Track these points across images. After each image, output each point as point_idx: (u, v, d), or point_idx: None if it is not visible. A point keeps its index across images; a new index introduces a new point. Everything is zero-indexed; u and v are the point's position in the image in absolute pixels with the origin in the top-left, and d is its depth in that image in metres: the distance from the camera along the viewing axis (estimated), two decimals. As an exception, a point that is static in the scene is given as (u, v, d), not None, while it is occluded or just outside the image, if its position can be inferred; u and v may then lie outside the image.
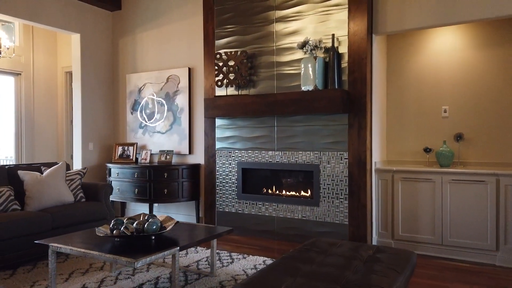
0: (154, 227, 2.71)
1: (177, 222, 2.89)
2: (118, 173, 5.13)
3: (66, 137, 6.56)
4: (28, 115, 6.16)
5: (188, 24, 5.24)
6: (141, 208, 5.58)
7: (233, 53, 4.53)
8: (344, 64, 3.98)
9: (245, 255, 3.69)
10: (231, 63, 4.55)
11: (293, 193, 4.38)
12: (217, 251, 3.82)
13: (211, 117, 4.63)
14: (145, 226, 2.71)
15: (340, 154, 4.02)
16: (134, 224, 2.74)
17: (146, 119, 5.58)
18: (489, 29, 3.98)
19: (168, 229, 2.72)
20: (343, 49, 3.99)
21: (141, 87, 5.63)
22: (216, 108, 4.52)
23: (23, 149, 6.12)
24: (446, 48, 4.19)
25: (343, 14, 3.98)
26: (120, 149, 5.57)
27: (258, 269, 3.28)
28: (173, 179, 4.89)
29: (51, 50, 6.52)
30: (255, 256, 3.66)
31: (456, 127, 4.14)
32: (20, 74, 6.12)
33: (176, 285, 2.52)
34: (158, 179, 4.87)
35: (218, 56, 4.62)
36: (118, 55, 5.92)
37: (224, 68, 4.58)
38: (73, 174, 4.16)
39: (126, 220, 2.85)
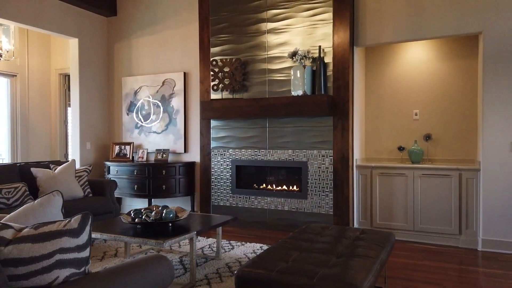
0: (171, 215, 3.11)
1: (190, 212, 3.29)
2: (117, 171, 5.45)
3: (59, 137, 6.78)
4: (23, 116, 6.36)
5: (183, 31, 5.62)
6: (137, 204, 5.91)
7: (228, 60, 4.96)
8: (329, 72, 4.48)
9: (243, 243, 4.13)
10: (226, 69, 4.97)
11: (283, 187, 4.85)
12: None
13: (207, 118, 5.04)
14: (163, 214, 3.11)
15: (325, 152, 4.52)
16: (153, 214, 3.13)
17: (142, 120, 5.91)
18: (452, 44, 4.58)
19: (183, 217, 3.13)
20: (328, 59, 4.49)
21: (137, 90, 5.96)
22: (213, 110, 4.94)
23: (18, 149, 6.32)
24: (417, 59, 4.77)
25: (328, 28, 4.48)
26: (117, 148, 5.89)
27: (257, 254, 3.74)
28: (171, 175, 5.27)
29: (45, 53, 6.73)
30: (252, 243, 4.10)
31: (425, 129, 4.72)
32: (16, 75, 6.32)
33: (194, 263, 2.93)
34: (156, 176, 5.24)
35: (214, 62, 5.03)
36: (113, 59, 6.22)
37: (220, 73, 5.00)
38: (81, 171, 4.47)
39: (144, 210, 3.24)
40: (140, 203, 5.84)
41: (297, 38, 4.66)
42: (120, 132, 6.17)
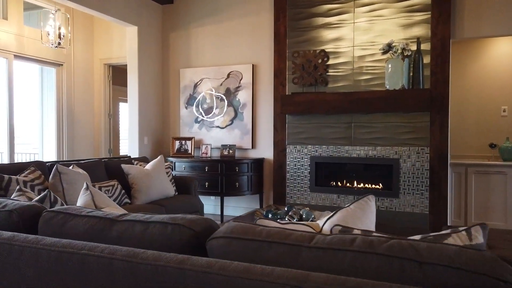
0: (312, 216, 2.89)
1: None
2: (184, 167, 5.16)
3: (104, 131, 6.41)
4: (69, 108, 5.97)
5: (252, 21, 5.34)
6: (207, 202, 5.49)
7: (311, 52, 4.73)
8: (427, 66, 4.31)
9: (346, 243, 3.92)
10: (308, 61, 4.74)
11: (370, 185, 4.66)
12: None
13: (287, 113, 4.80)
14: (303, 215, 2.89)
15: (421, 149, 4.36)
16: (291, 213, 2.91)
17: (203, 114, 5.62)
18: (547, 38, 4.48)
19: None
20: (426, 52, 4.31)
21: (197, 82, 5.66)
22: (294, 104, 4.70)
23: (65, 143, 5.93)
24: (505, 54, 4.65)
25: (426, 19, 4.30)
26: (177, 143, 5.58)
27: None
28: (243, 173, 5.01)
29: (89, 41, 6.34)
30: (356, 244, 3.91)
31: (516, 126, 4.62)
32: (62, 65, 5.91)
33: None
34: (229, 173, 4.97)
35: (295, 54, 4.79)
36: (169, 49, 5.89)
37: (302, 66, 4.76)
38: (166, 167, 4.18)
39: (275, 210, 3.01)
40: (210, 201, 5.47)
41: (388, 30, 4.47)
42: (176, 126, 5.86)
